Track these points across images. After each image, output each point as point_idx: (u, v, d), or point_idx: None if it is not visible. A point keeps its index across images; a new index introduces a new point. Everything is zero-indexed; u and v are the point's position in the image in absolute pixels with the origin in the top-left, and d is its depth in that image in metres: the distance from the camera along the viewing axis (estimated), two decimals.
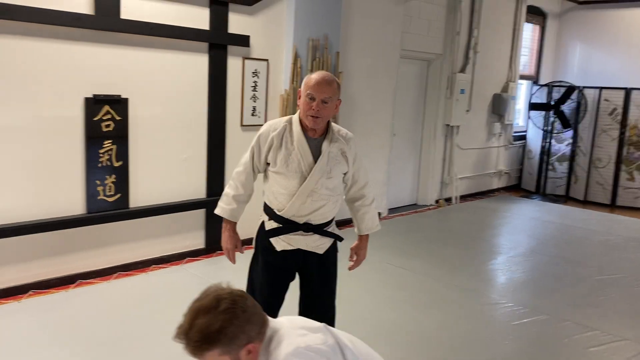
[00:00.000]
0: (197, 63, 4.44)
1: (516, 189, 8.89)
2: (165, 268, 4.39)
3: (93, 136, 3.93)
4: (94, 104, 3.90)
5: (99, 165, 3.99)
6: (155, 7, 4.11)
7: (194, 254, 4.63)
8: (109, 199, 4.07)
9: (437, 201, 7.42)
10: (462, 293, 4.25)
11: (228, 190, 2.52)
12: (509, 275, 4.76)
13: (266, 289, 2.48)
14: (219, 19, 4.50)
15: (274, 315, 2.50)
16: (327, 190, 2.38)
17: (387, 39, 6.10)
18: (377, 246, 5.25)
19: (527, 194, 8.49)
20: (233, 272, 2.79)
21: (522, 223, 6.77)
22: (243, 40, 4.66)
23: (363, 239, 2.64)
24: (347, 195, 2.58)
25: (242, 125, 4.84)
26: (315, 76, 2.31)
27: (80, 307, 3.58)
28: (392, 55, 6.21)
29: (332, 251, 2.56)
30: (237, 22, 4.65)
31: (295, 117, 2.39)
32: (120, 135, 4.06)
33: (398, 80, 6.47)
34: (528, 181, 8.85)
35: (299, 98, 2.34)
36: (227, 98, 4.68)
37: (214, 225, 4.49)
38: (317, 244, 2.46)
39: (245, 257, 2.67)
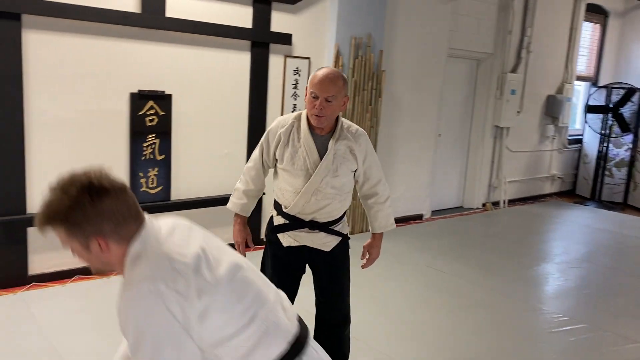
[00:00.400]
0: (239, 61, 4.54)
1: (570, 194, 8.53)
2: None
3: (137, 130, 4.09)
4: (139, 99, 4.06)
5: (143, 158, 4.14)
6: (199, 6, 4.23)
7: (232, 247, 4.72)
8: (151, 190, 4.22)
9: (484, 205, 7.23)
10: (501, 298, 4.13)
11: (239, 185, 2.54)
12: (552, 283, 4.59)
13: (275, 281, 2.50)
14: (261, 18, 4.57)
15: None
16: (332, 189, 2.33)
17: (434, 37, 6.01)
18: (417, 248, 5.22)
19: (582, 200, 8.14)
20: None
21: (574, 230, 6.49)
22: (285, 39, 4.72)
23: (376, 237, 2.58)
24: (360, 192, 2.54)
25: None
26: (319, 73, 2.25)
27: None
28: (439, 54, 6.12)
29: (341, 249, 2.50)
30: (280, 21, 4.71)
31: (303, 114, 2.36)
32: (163, 130, 4.21)
33: (445, 80, 6.36)
34: (583, 187, 8.48)
35: (306, 95, 2.31)
36: (268, 96, 4.76)
37: (251, 220, 4.56)
38: (323, 242, 2.42)
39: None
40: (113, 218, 1.33)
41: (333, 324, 2.57)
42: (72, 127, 3.83)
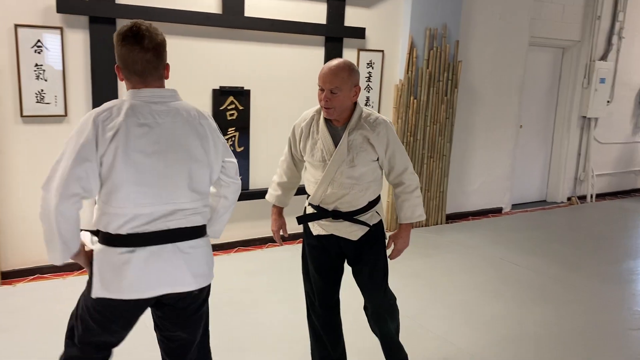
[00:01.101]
0: (314, 56, 4.70)
1: None
2: (279, 247, 4.73)
3: (219, 124, 4.33)
4: (220, 95, 4.34)
5: None
6: (276, 5, 4.44)
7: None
8: None
9: (569, 199, 6.94)
10: (578, 294, 4.00)
11: (274, 177, 2.65)
12: (636, 280, 4.37)
13: (315, 273, 2.53)
14: (336, 13, 4.71)
15: (330, 301, 2.56)
16: (349, 179, 2.31)
17: (514, 26, 5.85)
18: (493, 240, 5.15)
19: None
20: None
21: None
22: (359, 33, 4.82)
23: (402, 227, 2.50)
24: (389, 181, 2.50)
25: None
26: (325, 66, 2.26)
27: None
28: (520, 42, 5.95)
29: (373, 238, 2.45)
30: (354, 15, 4.82)
31: None
32: (242, 123, 4.47)
33: (526, 69, 6.18)
34: None
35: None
36: None
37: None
38: (348, 231, 2.41)
39: None
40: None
41: (374, 314, 2.56)
42: None
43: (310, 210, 2.47)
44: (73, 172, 1.64)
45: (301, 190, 2.57)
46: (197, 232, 1.84)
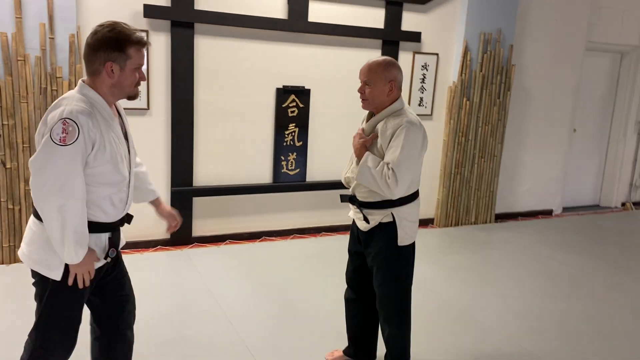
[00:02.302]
0: (370, 58, 4.98)
1: None
2: (333, 236, 5.07)
3: (281, 120, 4.76)
4: (283, 93, 4.72)
5: (284, 144, 4.80)
6: (337, 10, 4.77)
7: None
8: (290, 172, 4.87)
9: (623, 204, 6.91)
10: (623, 293, 4.11)
11: None
12: None
13: (348, 251, 2.77)
14: (393, 18, 4.99)
15: (352, 283, 2.70)
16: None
17: (570, 31, 5.94)
18: (541, 241, 5.28)
19: None
20: None
21: None
22: (414, 37, 5.08)
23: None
24: None
25: None
26: (363, 67, 2.43)
27: (263, 257, 4.42)
28: (576, 47, 6.02)
29: (382, 239, 2.45)
30: (410, 20, 5.09)
31: None
32: (302, 120, 4.83)
33: (583, 73, 6.24)
34: None
35: None
36: None
37: None
38: (357, 217, 2.53)
39: None
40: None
41: (379, 313, 2.60)
42: (230, 117, 4.60)
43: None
44: None
45: None
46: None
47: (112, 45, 1.85)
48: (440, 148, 5.52)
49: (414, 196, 2.47)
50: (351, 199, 2.55)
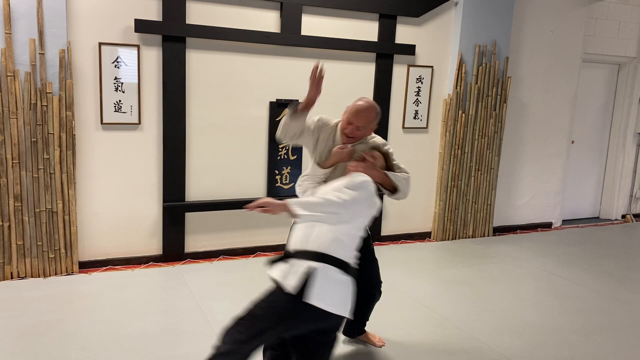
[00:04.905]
0: (365, 71, 4.98)
1: None
2: None
3: (274, 134, 4.71)
4: (276, 107, 4.69)
5: (278, 158, 4.76)
6: (330, 23, 4.75)
7: None
8: (284, 186, 4.82)
9: (623, 216, 6.84)
10: (619, 306, 4.03)
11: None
12: None
13: None
14: (387, 31, 4.97)
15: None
16: None
17: (566, 42, 5.91)
18: (539, 254, 5.22)
19: None
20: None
21: None
22: (409, 50, 5.06)
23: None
24: None
25: (403, 127, 5.25)
26: (357, 104, 2.67)
27: (257, 273, 4.35)
28: (572, 59, 6.00)
29: None
30: (404, 33, 5.07)
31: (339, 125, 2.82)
32: None
33: (580, 85, 6.21)
34: None
35: (345, 112, 2.73)
36: (391, 103, 5.13)
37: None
38: None
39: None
40: None
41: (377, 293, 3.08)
42: (223, 131, 4.56)
43: None
44: None
45: None
46: None
47: None
48: (436, 161, 5.47)
49: None
50: None
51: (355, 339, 3.25)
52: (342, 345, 3.19)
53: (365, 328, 3.22)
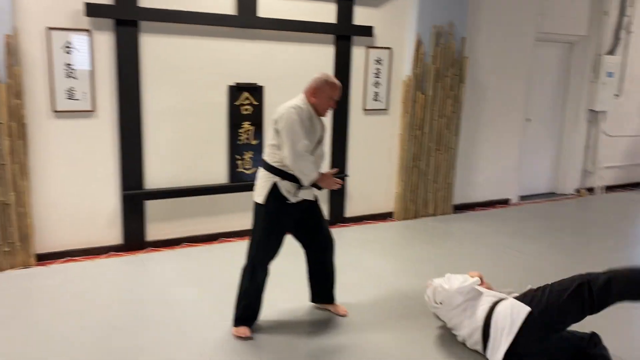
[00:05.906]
0: (324, 53, 4.96)
1: None
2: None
3: (234, 118, 4.67)
4: (235, 91, 4.63)
5: (239, 142, 4.72)
6: (287, 5, 4.70)
7: None
8: (246, 171, 4.79)
9: (577, 191, 7.08)
10: (566, 274, 4.18)
11: (311, 158, 3.20)
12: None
13: (281, 235, 3.30)
14: (344, 13, 4.95)
15: None
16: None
17: (520, 22, 6.03)
18: (498, 230, 5.36)
19: None
20: None
21: None
22: (367, 31, 5.06)
23: None
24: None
25: (364, 109, 5.27)
26: (335, 81, 3.01)
27: (220, 259, 4.33)
28: (526, 38, 6.12)
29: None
30: (362, 14, 5.06)
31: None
32: (257, 118, 4.75)
33: (535, 64, 6.35)
34: None
35: (316, 93, 2.99)
36: (351, 85, 5.14)
37: (335, 200, 5.01)
38: (310, 192, 3.24)
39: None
40: None
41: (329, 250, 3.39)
42: (182, 116, 4.49)
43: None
44: None
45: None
46: None
47: None
48: (396, 142, 5.53)
49: None
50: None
51: (322, 309, 3.47)
52: (310, 312, 3.27)
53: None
